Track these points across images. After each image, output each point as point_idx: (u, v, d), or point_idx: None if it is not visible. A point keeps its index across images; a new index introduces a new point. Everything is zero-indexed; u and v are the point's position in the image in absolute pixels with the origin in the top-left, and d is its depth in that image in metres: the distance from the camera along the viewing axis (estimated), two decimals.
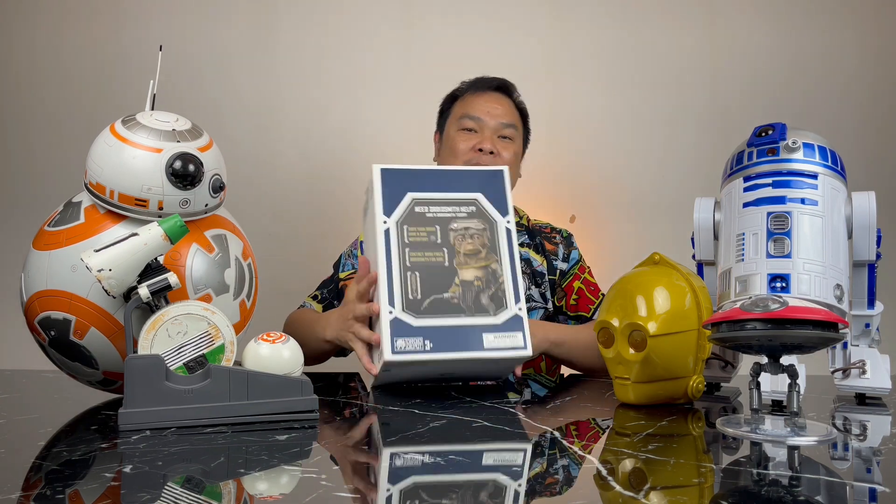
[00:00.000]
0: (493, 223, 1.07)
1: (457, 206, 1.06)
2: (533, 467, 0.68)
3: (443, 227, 1.05)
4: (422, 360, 0.97)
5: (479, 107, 1.47)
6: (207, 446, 0.73)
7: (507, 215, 1.08)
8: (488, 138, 1.44)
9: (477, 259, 1.04)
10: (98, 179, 0.91)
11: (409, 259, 1.01)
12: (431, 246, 1.03)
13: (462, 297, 1.01)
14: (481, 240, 1.05)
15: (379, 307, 1.00)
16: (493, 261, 1.05)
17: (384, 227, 1.02)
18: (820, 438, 0.73)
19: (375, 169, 1.06)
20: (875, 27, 2.05)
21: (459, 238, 1.05)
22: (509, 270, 1.04)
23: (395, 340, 0.97)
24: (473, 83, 1.53)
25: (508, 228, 1.07)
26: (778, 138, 0.83)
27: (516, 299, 1.03)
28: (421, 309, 0.99)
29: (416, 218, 1.04)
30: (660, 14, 2.08)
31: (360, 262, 1.13)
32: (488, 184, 1.09)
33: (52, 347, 0.93)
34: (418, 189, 1.06)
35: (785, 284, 0.77)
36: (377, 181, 1.05)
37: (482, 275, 1.03)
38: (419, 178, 1.07)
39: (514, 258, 1.06)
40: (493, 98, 1.49)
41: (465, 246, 1.04)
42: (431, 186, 1.07)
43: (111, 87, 2.04)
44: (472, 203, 1.07)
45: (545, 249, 1.49)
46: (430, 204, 1.06)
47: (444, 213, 1.05)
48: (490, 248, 1.05)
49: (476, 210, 1.07)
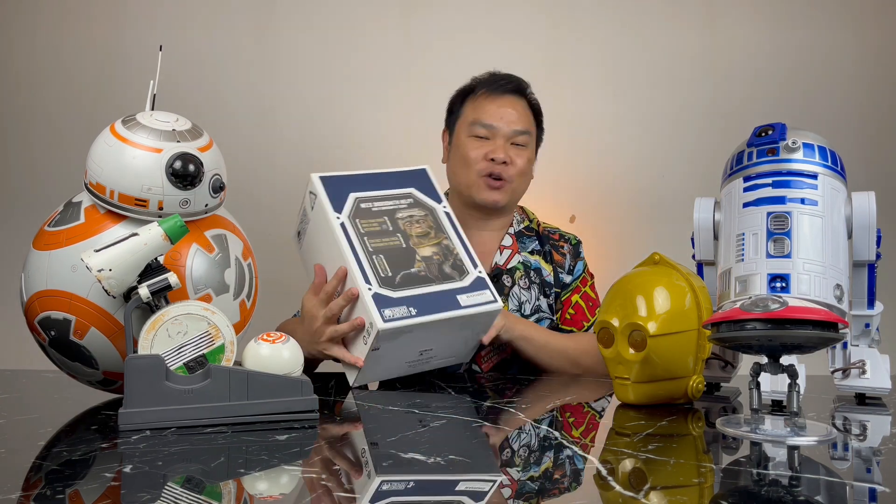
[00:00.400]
0: (432, 209, 1.18)
1: (396, 200, 1.16)
2: (533, 467, 0.68)
3: (390, 216, 1.14)
4: (411, 325, 1.03)
5: (491, 113, 1.41)
6: (207, 446, 0.73)
7: (442, 202, 1.19)
8: (501, 147, 1.39)
9: (429, 238, 1.14)
10: (98, 179, 0.91)
11: (371, 245, 1.09)
12: (386, 233, 1.11)
13: (428, 270, 1.10)
14: (427, 223, 1.16)
15: (357, 290, 1.05)
16: (443, 238, 1.15)
17: (338, 221, 1.09)
18: (820, 438, 0.73)
19: (314, 177, 1.13)
20: (875, 27, 2.05)
21: (408, 224, 1.14)
22: (459, 244, 1.15)
23: (382, 311, 1.02)
24: (487, 83, 1.45)
25: (447, 212, 1.19)
26: (778, 138, 0.83)
27: (474, 265, 1.14)
28: (396, 283, 1.06)
29: (364, 213, 1.12)
30: (660, 14, 2.08)
31: (316, 270, 1.13)
32: (417, 180, 1.21)
33: (52, 347, 0.93)
34: (358, 190, 1.14)
35: (785, 284, 0.77)
36: (319, 187, 1.12)
37: (438, 250, 1.13)
38: (356, 181, 1.15)
39: (460, 234, 1.17)
40: (507, 102, 1.42)
41: (415, 229, 1.14)
42: (369, 187, 1.16)
43: (111, 87, 2.04)
44: (408, 196, 1.18)
45: (553, 259, 1.46)
46: (373, 200, 1.14)
47: (388, 207, 1.15)
48: (436, 228, 1.16)
49: (414, 201, 1.18)
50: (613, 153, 2.08)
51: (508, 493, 0.60)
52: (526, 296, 1.40)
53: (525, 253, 1.45)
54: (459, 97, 1.49)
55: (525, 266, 1.43)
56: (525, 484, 0.62)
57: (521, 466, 0.68)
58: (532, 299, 1.41)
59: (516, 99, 1.44)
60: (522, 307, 1.40)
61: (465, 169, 1.41)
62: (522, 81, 1.47)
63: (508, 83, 1.45)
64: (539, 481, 0.63)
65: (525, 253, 1.45)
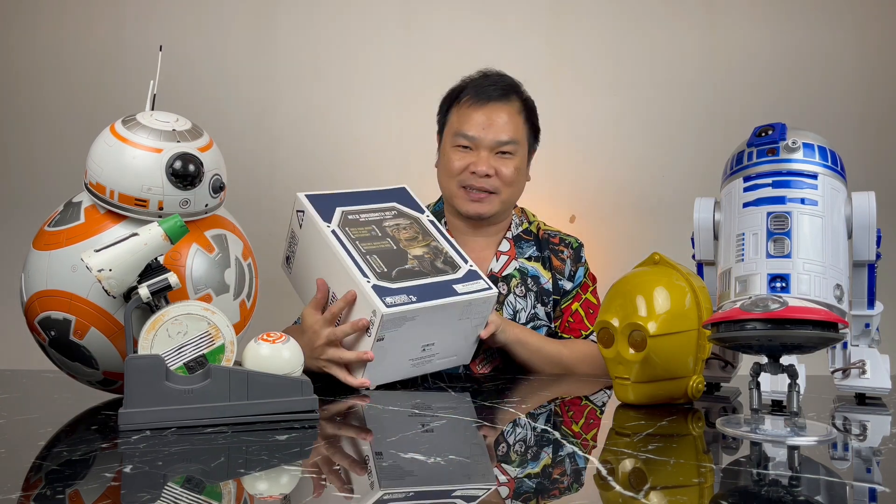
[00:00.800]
0: (416, 218, 1.22)
1: (381, 212, 1.21)
2: (533, 467, 0.68)
3: (378, 225, 1.17)
4: (412, 310, 1.05)
5: (474, 124, 1.36)
6: (207, 446, 0.73)
7: (425, 212, 1.24)
8: (484, 159, 1.36)
9: (418, 241, 1.18)
10: (98, 179, 0.91)
11: (363, 248, 1.12)
12: (376, 238, 1.15)
13: (421, 266, 1.13)
14: (414, 229, 1.20)
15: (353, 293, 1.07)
16: (431, 240, 1.19)
17: (329, 229, 1.12)
18: (820, 438, 0.73)
19: (300, 196, 1.17)
20: (875, 27, 2.05)
21: (395, 230, 1.18)
22: (447, 245, 1.19)
23: (383, 298, 1.04)
24: (473, 88, 1.40)
25: (431, 220, 1.23)
26: (778, 138, 0.83)
27: (465, 261, 1.17)
28: (392, 276, 1.09)
29: (352, 223, 1.16)
30: (660, 15, 2.08)
31: (318, 284, 1.12)
32: (397, 196, 1.26)
33: (52, 347, 0.93)
34: (343, 205, 1.18)
35: (785, 284, 0.77)
36: (306, 203, 1.15)
37: (428, 250, 1.17)
38: (340, 198, 1.19)
39: (447, 237, 1.20)
40: (492, 111, 1.37)
41: (403, 234, 1.17)
42: (353, 203, 1.20)
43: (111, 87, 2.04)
44: (391, 209, 1.22)
45: (552, 265, 1.42)
46: (359, 213, 1.18)
47: (374, 217, 1.19)
48: (423, 233, 1.20)
49: (398, 212, 1.22)
50: (614, 153, 2.08)
51: (508, 494, 0.60)
52: (521, 304, 1.38)
53: (522, 259, 1.42)
54: (447, 102, 1.45)
55: (522, 273, 1.40)
56: (525, 484, 0.62)
57: (520, 466, 0.68)
58: (528, 307, 1.39)
59: (502, 105, 1.38)
60: (517, 315, 1.37)
61: (448, 179, 1.41)
62: (512, 82, 1.42)
63: (495, 88, 1.39)
64: (539, 481, 0.63)
65: (522, 259, 1.42)
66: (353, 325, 1.06)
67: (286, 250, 1.24)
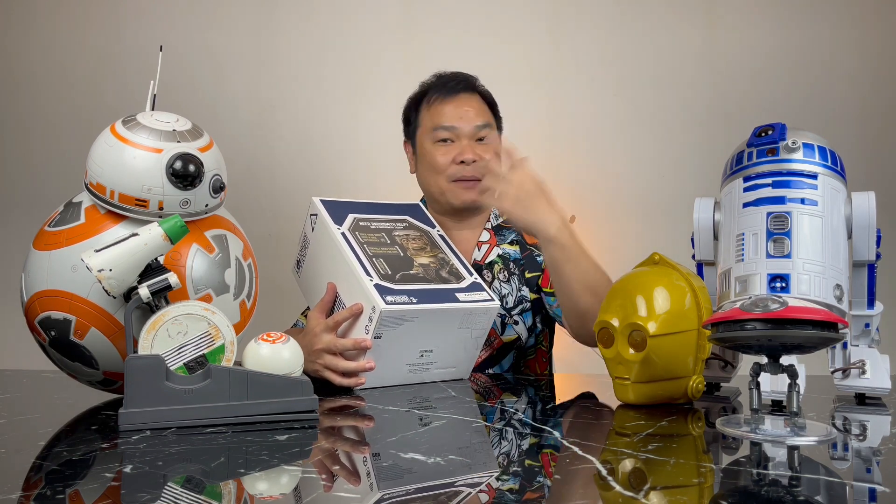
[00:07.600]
0: (427, 231, 1.26)
1: (392, 223, 1.23)
2: (533, 467, 0.68)
3: (388, 234, 1.20)
4: (411, 311, 1.06)
5: (449, 115, 1.40)
6: (207, 446, 0.73)
7: (435, 227, 1.28)
8: (467, 147, 1.38)
9: (425, 251, 1.20)
10: (98, 179, 0.91)
11: (370, 251, 1.14)
12: (385, 245, 1.17)
13: (426, 273, 1.15)
14: (423, 240, 1.23)
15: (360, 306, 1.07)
16: (439, 252, 1.22)
17: (339, 231, 1.14)
18: (820, 438, 0.73)
19: (315, 200, 1.19)
20: (875, 27, 2.05)
21: (405, 239, 1.21)
22: (454, 257, 1.22)
23: (384, 296, 1.05)
24: (436, 86, 1.44)
25: (441, 234, 1.27)
26: (778, 138, 0.83)
27: (470, 273, 1.20)
28: (396, 279, 1.10)
29: (363, 228, 1.18)
30: (660, 14, 2.08)
31: (328, 288, 1.14)
32: (411, 211, 1.29)
33: (52, 347, 0.93)
34: (356, 213, 1.21)
35: (785, 284, 0.77)
36: (320, 208, 1.18)
37: (434, 260, 1.19)
38: (354, 206, 1.22)
39: (455, 252, 1.24)
40: (462, 101, 1.41)
41: (411, 244, 1.20)
42: (366, 211, 1.22)
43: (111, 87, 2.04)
44: (403, 221, 1.25)
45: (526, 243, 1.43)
46: (371, 221, 1.21)
47: (385, 226, 1.22)
48: (432, 245, 1.23)
49: (409, 224, 1.25)
50: (613, 153, 2.08)
51: (508, 493, 0.60)
52: (507, 288, 1.40)
53: (505, 245, 1.44)
54: (413, 105, 1.48)
55: (504, 259, 1.42)
56: (525, 484, 0.62)
57: (520, 466, 0.68)
58: (514, 291, 1.40)
59: (469, 95, 1.43)
60: (505, 300, 1.39)
61: (436, 176, 1.40)
62: (470, 77, 1.46)
63: (458, 83, 1.44)
64: (539, 481, 0.63)
65: (505, 245, 1.44)
66: (356, 342, 1.06)
67: (297, 254, 1.24)
